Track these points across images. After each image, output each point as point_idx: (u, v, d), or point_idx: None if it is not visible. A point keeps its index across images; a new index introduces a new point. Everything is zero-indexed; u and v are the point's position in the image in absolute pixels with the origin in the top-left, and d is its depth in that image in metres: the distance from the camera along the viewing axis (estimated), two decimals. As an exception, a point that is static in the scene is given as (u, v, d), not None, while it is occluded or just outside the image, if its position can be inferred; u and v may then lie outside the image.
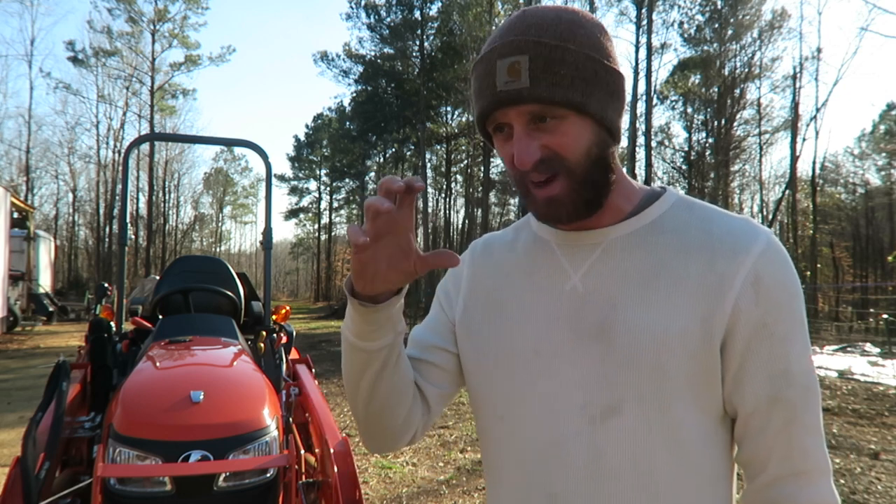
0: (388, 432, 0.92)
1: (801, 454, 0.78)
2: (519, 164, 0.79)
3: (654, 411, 0.78)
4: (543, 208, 0.82)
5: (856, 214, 39.59)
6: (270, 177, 3.86)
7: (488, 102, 0.79)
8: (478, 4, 27.60)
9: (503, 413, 0.87)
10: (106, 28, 35.44)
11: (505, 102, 0.78)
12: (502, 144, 0.83)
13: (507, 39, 0.78)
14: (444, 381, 0.96)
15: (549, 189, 0.80)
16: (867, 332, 20.82)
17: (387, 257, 0.75)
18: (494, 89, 0.78)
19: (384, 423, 0.91)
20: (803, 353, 0.79)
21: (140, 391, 2.22)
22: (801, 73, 26.21)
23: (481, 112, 0.81)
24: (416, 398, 0.93)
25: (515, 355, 0.87)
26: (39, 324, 17.70)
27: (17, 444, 2.80)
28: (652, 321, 0.79)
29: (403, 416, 0.91)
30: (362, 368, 0.86)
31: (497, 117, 0.81)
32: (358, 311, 0.81)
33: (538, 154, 0.79)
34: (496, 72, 0.78)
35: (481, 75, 0.80)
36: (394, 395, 0.89)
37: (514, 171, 0.83)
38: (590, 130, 0.80)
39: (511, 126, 0.80)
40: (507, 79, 0.77)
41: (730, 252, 0.79)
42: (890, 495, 4.46)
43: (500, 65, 0.78)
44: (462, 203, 39.63)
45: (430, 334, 0.97)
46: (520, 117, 0.79)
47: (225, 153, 53.31)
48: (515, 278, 0.91)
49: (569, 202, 0.81)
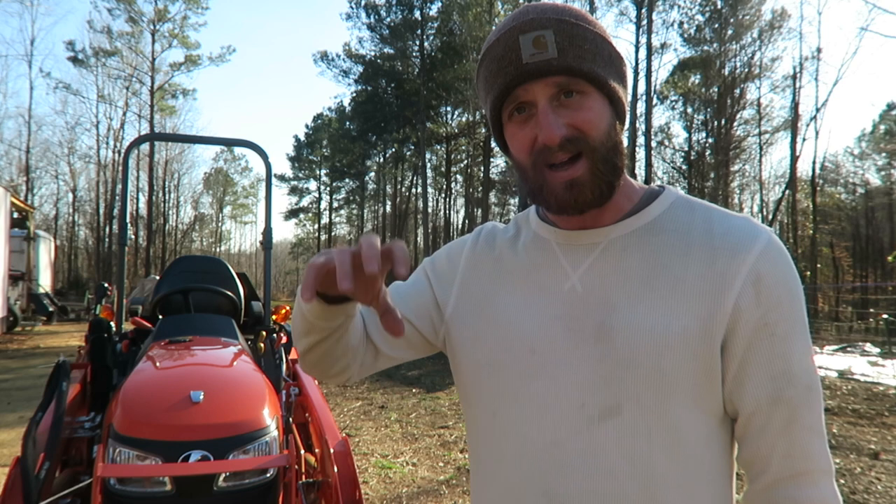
0: (321, 374, 0.95)
1: (803, 454, 0.78)
2: (547, 140, 0.76)
3: (653, 412, 0.78)
4: (564, 193, 0.79)
5: (856, 214, 39.57)
6: (270, 177, 3.86)
7: (512, 77, 0.77)
8: (478, 4, 27.62)
9: (496, 409, 0.86)
10: (106, 28, 35.50)
11: (532, 74, 0.76)
12: (520, 128, 0.80)
13: (527, 18, 0.77)
14: (402, 347, 0.97)
15: (571, 170, 0.78)
16: (867, 332, 20.80)
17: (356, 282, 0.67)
18: (520, 62, 0.76)
19: (319, 367, 0.93)
20: (805, 353, 0.79)
21: (140, 391, 2.22)
22: (801, 73, 26.27)
23: (503, 89, 0.78)
24: (358, 355, 0.94)
25: (511, 352, 0.86)
26: (39, 324, 17.68)
27: (17, 444, 2.80)
28: (652, 321, 0.78)
29: (339, 368, 0.93)
30: (307, 330, 0.85)
31: (519, 95, 0.78)
32: (316, 303, 0.78)
33: (564, 130, 0.76)
34: (520, 46, 0.76)
35: (500, 54, 0.78)
36: (332, 355, 0.89)
37: (529, 157, 0.80)
38: (608, 109, 0.80)
39: (532, 105, 0.78)
40: (533, 51, 0.76)
41: (730, 251, 0.79)
42: (890, 495, 4.45)
43: (524, 39, 0.76)
44: (462, 203, 39.71)
45: (406, 304, 0.96)
46: (546, 90, 0.77)
47: (225, 153, 53.38)
48: (514, 276, 0.91)
49: (591, 185, 0.78)
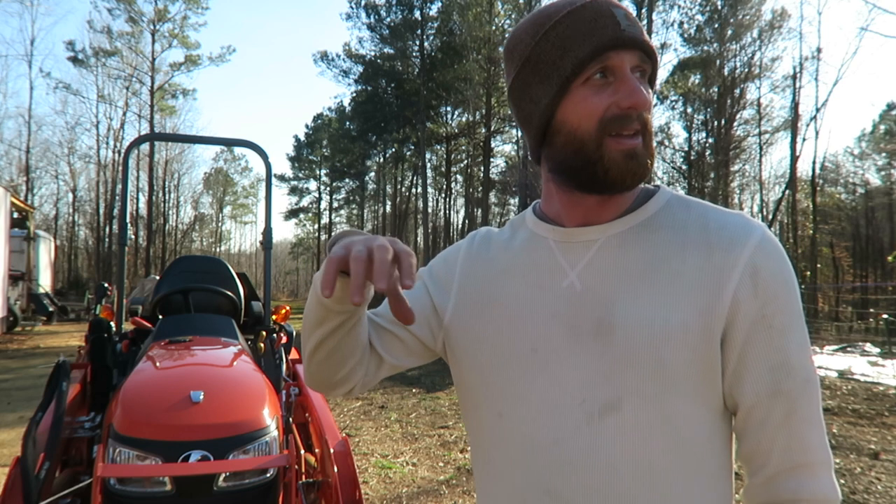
0: (326, 380, 0.95)
1: (803, 447, 0.78)
2: (636, 102, 0.78)
3: (654, 407, 0.78)
4: (624, 162, 0.79)
5: (856, 214, 39.57)
6: (270, 177, 3.86)
7: (610, 39, 0.79)
8: (478, 4, 27.60)
9: (502, 410, 0.87)
10: (106, 28, 35.45)
11: (627, 43, 0.79)
12: (595, 93, 0.80)
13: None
14: (402, 355, 0.98)
15: (635, 140, 0.80)
16: (867, 332, 20.80)
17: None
18: (618, 28, 0.79)
19: (326, 371, 0.93)
20: (802, 345, 0.80)
21: (140, 391, 2.22)
22: (801, 73, 26.20)
23: (596, 48, 0.79)
24: (363, 360, 0.95)
25: (512, 352, 0.86)
26: (39, 324, 17.68)
27: (17, 444, 2.80)
28: (651, 316, 0.79)
29: (345, 372, 0.93)
30: (321, 319, 0.86)
31: (609, 58, 0.79)
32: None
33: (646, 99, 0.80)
34: (615, 14, 0.79)
35: (591, 17, 0.79)
36: (341, 352, 0.90)
37: (598, 123, 0.80)
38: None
39: (613, 73, 0.80)
40: (627, 23, 0.79)
41: (727, 245, 0.80)
42: (890, 495, 4.46)
43: (618, 11, 0.80)
44: (462, 203, 39.70)
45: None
46: (632, 61, 0.80)
47: (225, 153, 53.37)
48: (512, 275, 0.91)
49: (644, 160, 0.81)
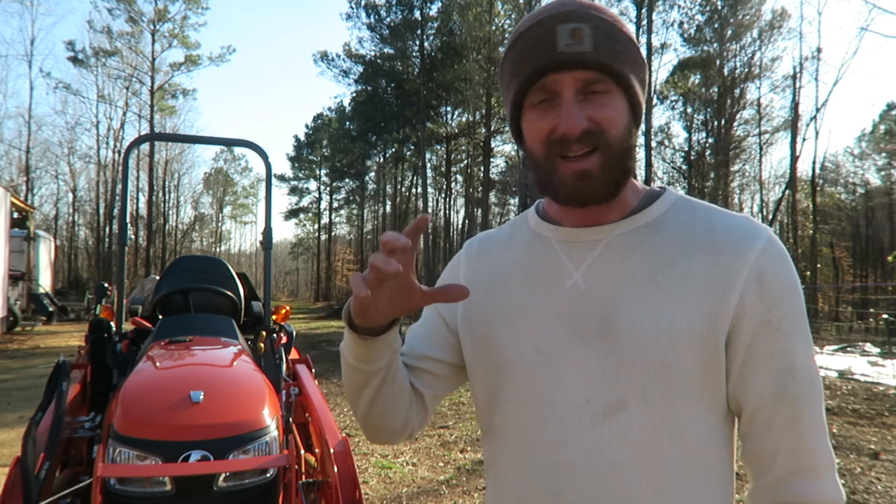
0: (388, 432, 0.95)
1: (808, 450, 0.78)
2: (567, 129, 0.77)
3: (658, 408, 0.78)
4: (573, 183, 0.79)
5: (856, 214, 39.56)
6: (270, 177, 3.86)
7: (544, 63, 0.77)
8: (478, 4, 27.59)
9: (507, 412, 0.87)
10: (106, 28, 35.47)
11: (565, 64, 0.77)
12: (540, 117, 0.81)
13: (567, 9, 0.78)
14: (438, 385, 0.98)
15: (584, 162, 0.79)
16: (867, 332, 20.79)
17: (388, 297, 0.75)
18: (554, 50, 0.77)
19: (384, 426, 0.93)
20: (807, 348, 0.80)
21: (140, 391, 2.22)
22: (801, 73, 26.20)
23: (532, 74, 0.78)
24: (412, 401, 0.95)
25: (518, 354, 0.86)
26: (39, 324, 17.68)
27: (17, 444, 2.80)
28: (656, 318, 0.79)
29: (401, 420, 0.94)
30: (361, 386, 0.88)
31: (546, 83, 0.79)
32: (356, 341, 0.82)
33: (585, 123, 0.77)
34: (557, 34, 0.77)
35: (535, 38, 0.79)
36: (391, 404, 0.91)
37: (544, 146, 0.80)
38: (628, 112, 0.81)
39: (556, 95, 0.79)
40: (569, 41, 0.76)
41: (733, 249, 0.80)
42: (890, 495, 4.45)
43: (562, 28, 0.77)
44: (462, 203, 39.68)
45: (423, 343, 0.98)
46: (574, 83, 0.78)
47: (225, 153, 53.39)
48: (514, 276, 0.91)
49: (600, 180, 0.79)
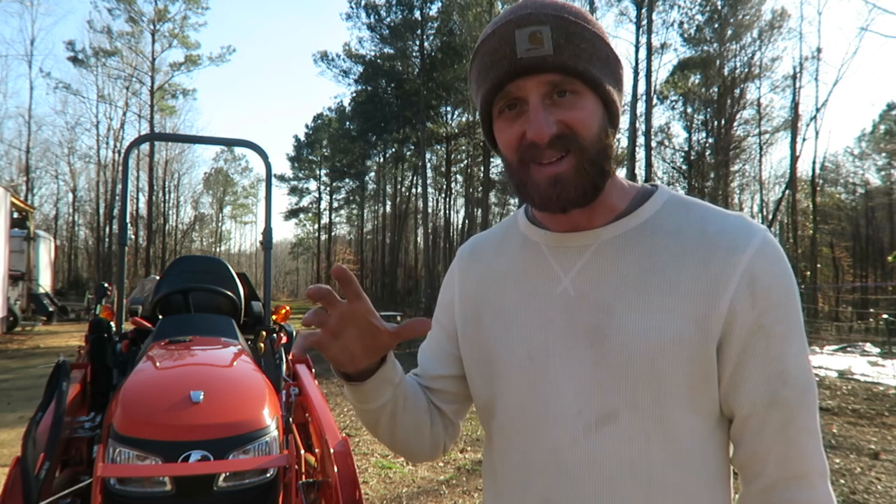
0: (419, 453, 0.96)
1: (800, 457, 0.77)
2: (535, 137, 0.75)
3: (650, 416, 0.77)
4: (547, 189, 0.77)
5: (856, 214, 39.55)
6: (270, 177, 3.86)
7: (505, 72, 0.75)
8: (478, 4, 27.56)
9: (503, 420, 0.87)
10: (106, 28, 35.46)
11: (527, 70, 0.74)
12: (509, 124, 0.78)
13: (525, 13, 0.75)
14: (457, 399, 0.98)
15: (557, 166, 0.76)
16: (867, 332, 20.79)
17: (355, 343, 0.75)
18: (514, 57, 0.74)
19: (411, 449, 0.94)
20: (800, 353, 0.77)
21: (140, 391, 2.22)
22: (801, 73, 26.21)
23: (495, 83, 0.76)
24: (435, 419, 0.95)
25: (511, 361, 0.85)
26: (39, 324, 17.67)
27: (17, 444, 2.80)
28: (646, 325, 0.77)
29: (427, 440, 0.94)
30: (374, 422, 0.88)
31: (511, 91, 0.76)
32: (350, 387, 0.83)
33: (554, 128, 0.75)
34: (515, 41, 0.74)
35: (494, 47, 0.76)
36: (411, 430, 0.91)
37: (516, 153, 0.78)
38: (601, 111, 0.78)
39: (523, 102, 0.77)
40: (528, 46, 0.73)
41: (725, 252, 0.77)
42: (890, 495, 4.45)
43: (520, 34, 0.74)
44: (462, 203, 39.68)
45: (432, 363, 0.98)
46: (538, 88, 0.75)
47: (225, 153, 53.38)
48: (505, 283, 0.90)
49: (575, 183, 0.76)
